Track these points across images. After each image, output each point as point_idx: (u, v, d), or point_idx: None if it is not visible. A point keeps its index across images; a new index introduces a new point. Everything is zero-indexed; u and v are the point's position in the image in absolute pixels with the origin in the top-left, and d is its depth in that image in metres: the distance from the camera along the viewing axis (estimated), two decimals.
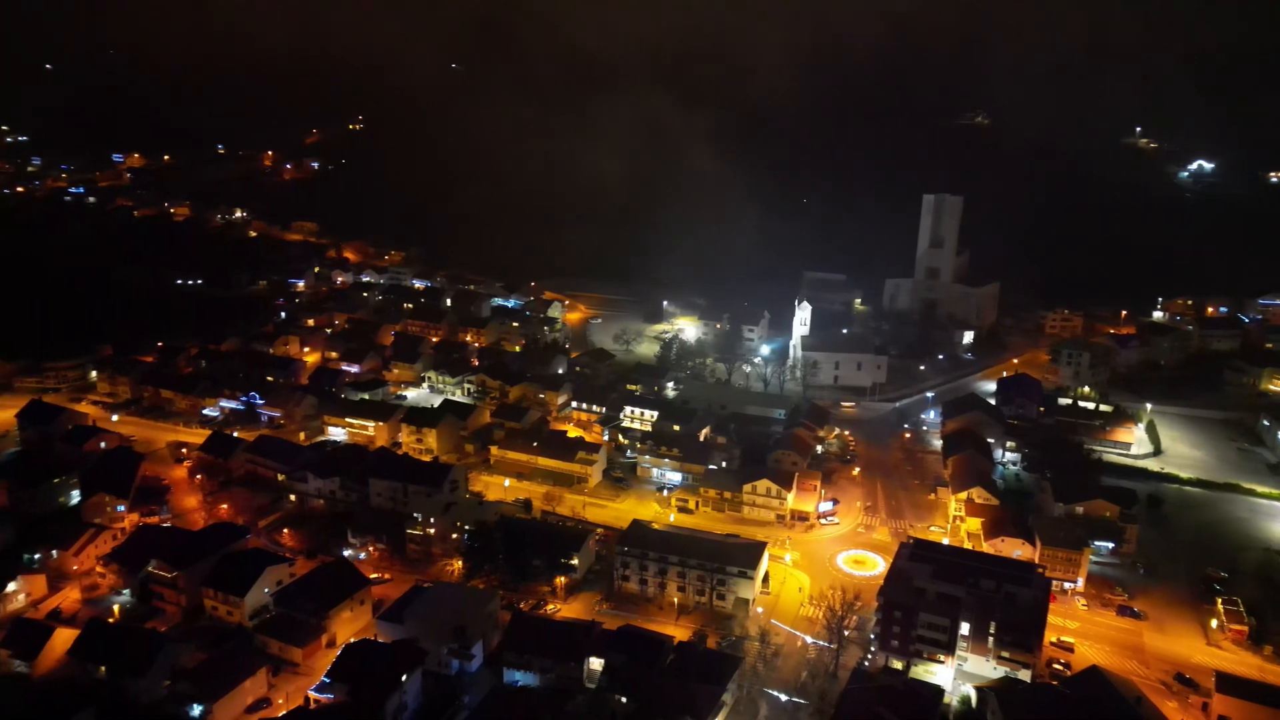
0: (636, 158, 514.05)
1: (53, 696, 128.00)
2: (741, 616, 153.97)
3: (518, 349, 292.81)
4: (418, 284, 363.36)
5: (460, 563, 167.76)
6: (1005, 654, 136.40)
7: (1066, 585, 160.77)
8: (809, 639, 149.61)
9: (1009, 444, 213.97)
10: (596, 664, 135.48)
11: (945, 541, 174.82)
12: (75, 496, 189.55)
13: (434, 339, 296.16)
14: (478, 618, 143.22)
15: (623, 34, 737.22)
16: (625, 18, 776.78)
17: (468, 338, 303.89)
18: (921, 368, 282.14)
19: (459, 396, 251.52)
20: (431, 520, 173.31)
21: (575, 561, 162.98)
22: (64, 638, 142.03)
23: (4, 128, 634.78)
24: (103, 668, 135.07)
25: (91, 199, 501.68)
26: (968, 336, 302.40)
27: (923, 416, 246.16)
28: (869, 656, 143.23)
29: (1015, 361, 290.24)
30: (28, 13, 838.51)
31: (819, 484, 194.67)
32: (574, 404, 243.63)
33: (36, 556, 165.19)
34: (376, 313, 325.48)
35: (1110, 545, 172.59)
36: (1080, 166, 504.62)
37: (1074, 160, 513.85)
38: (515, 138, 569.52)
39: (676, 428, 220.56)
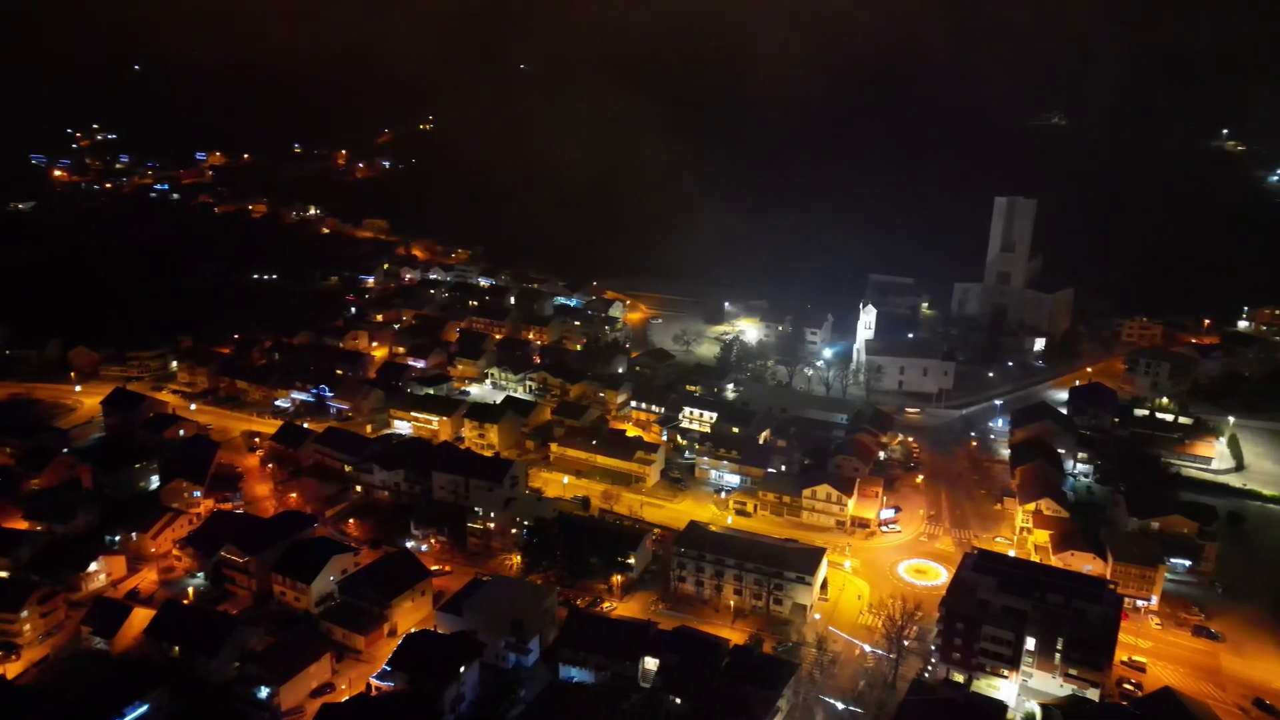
0: (698, 159, 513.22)
1: (130, 673, 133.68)
2: (798, 622, 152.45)
3: (579, 348, 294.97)
4: (483, 282, 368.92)
5: (519, 558, 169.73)
6: (1073, 671, 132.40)
7: (1139, 603, 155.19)
8: (867, 648, 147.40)
9: (1081, 455, 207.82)
10: (651, 664, 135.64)
11: (1011, 553, 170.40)
12: (154, 481, 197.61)
13: (497, 336, 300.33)
14: (535, 613, 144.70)
15: (682, 38, 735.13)
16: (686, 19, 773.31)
17: (530, 335, 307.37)
18: (990, 375, 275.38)
19: (520, 393, 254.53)
20: (492, 515, 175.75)
21: (632, 560, 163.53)
22: (141, 617, 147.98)
23: (95, 126, 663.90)
24: (176, 647, 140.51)
25: (175, 196, 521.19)
26: (1039, 343, 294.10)
27: (990, 425, 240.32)
28: (929, 668, 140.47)
29: (1089, 370, 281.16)
30: (117, 17, 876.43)
31: (881, 491, 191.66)
32: (633, 403, 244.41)
33: (117, 538, 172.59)
34: (442, 309, 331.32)
35: (1187, 563, 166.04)
36: (1163, 169, 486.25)
37: (1156, 162, 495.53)
38: (579, 138, 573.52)
39: (735, 430, 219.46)
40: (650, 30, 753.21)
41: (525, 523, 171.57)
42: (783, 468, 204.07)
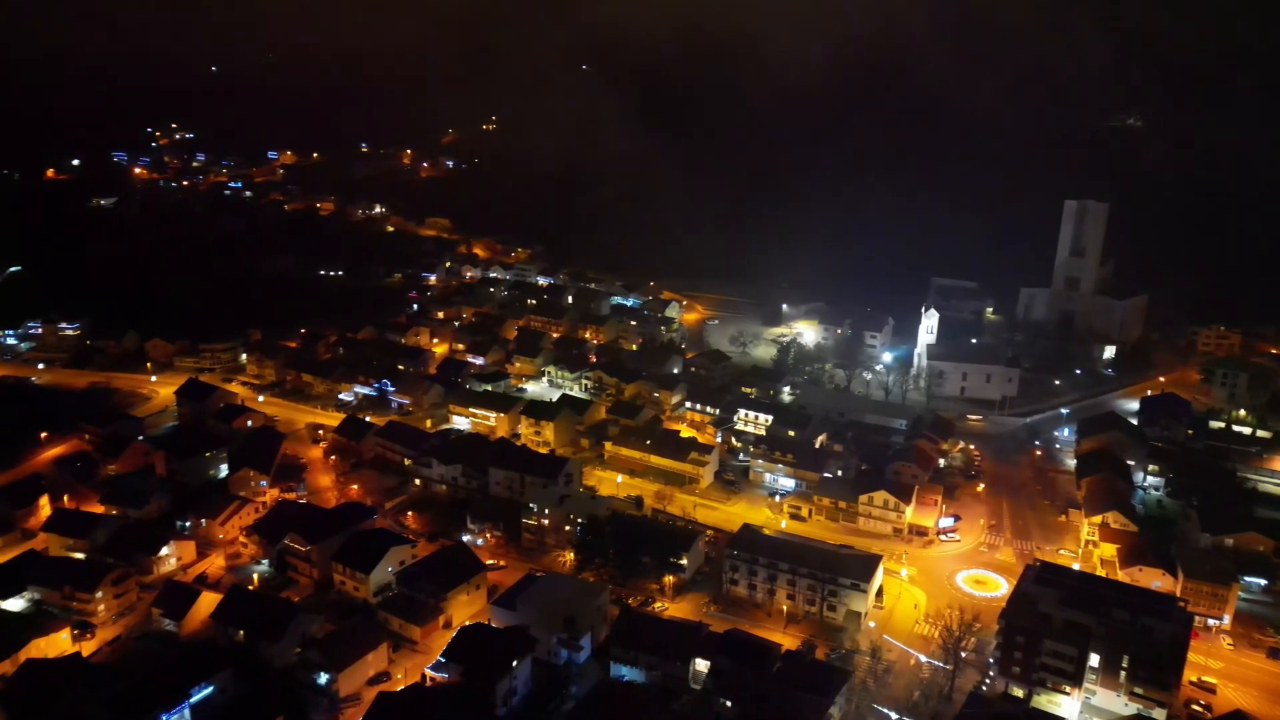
0: (756, 160, 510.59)
1: (196, 655, 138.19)
2: (852, 629, 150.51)
3: (634, 347, 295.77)
4: (541, 281, 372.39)
5: (572, 555, 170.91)
6: (1139, 690, 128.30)
7: (1210, 622, 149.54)
8: (923, 658, 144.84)
9: (1151, 467, 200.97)
10: (702, 665, 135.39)
11: (1075, 567, 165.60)
12: (223, 470, 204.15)
13: (555, 335, 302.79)
14: (587, 610, 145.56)
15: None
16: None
17: (587, 335, 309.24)
18: (1057, 382, 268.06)
19: (576, 392, 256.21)
20: (546, 511, 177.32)
21: (684, 561, 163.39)
22: (208, 601, 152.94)
23: (174, 125, 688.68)
24: (241, 632, 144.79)
25: (248, 193, 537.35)
26: (1109, 351, 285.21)
27: (1056, 434, 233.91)
28: (987, 681, 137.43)
29: (1162, 380, 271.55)
30: (198, 21, 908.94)
31: (940, 499, 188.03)
32: (688, 404, 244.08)
33: (187, 524, 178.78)
34: (502, 308, 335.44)
35: (1263, 582, 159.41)
36: (1242, 172, 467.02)
37: (1236, 165, 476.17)
38: (640, 139, 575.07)
39: (791, 433, 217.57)
40: (709, 35, 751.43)
41: (579, 520, 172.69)
42: (839, 473, 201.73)
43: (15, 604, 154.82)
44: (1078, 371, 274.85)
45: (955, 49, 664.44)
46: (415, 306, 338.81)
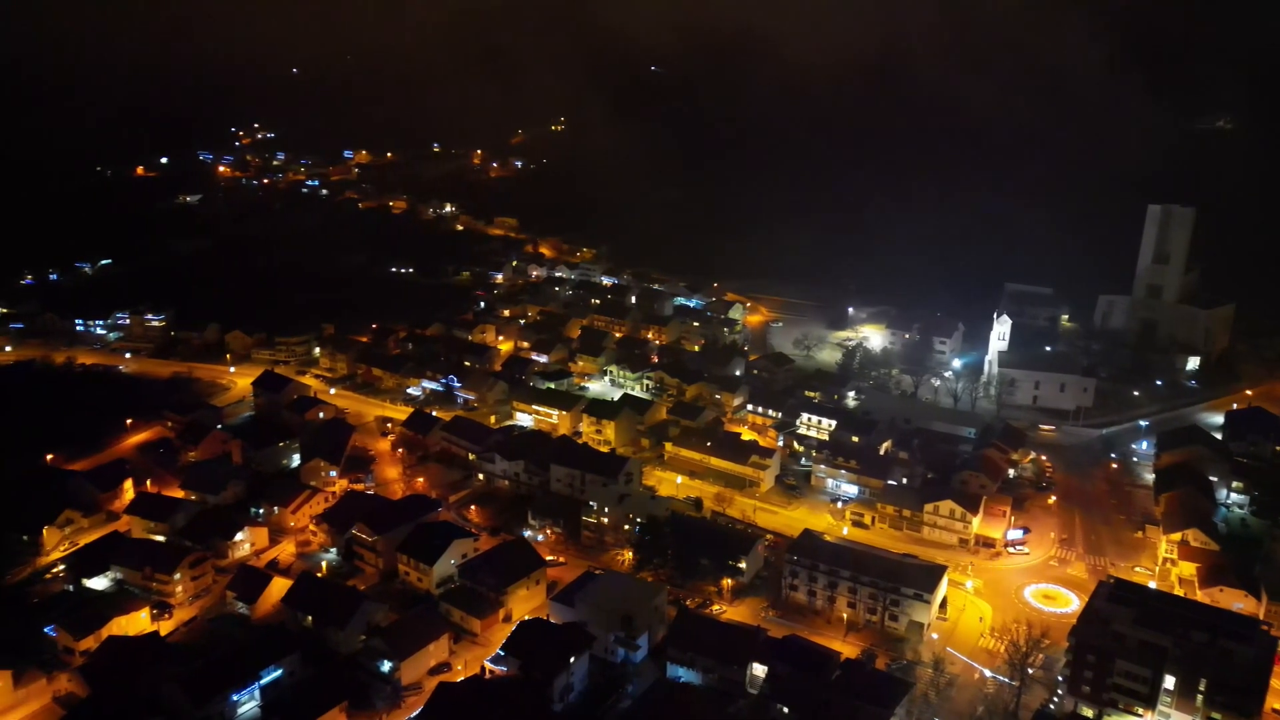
0: (820, 162, 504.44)
1: (267, 638, 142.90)
2: (914, 640, 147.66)
3: (697, 348, 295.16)
4: (605, 281, 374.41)
5: (631, 554, 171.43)
6: (1216, 715, 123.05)
7: None
8: (988, 672, 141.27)
9: (1236, 484, 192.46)
10: (759, 670, 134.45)
11: (1151, 585, 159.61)
12: (295, 460, 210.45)
13: (617, 334, 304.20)
14: (645, 609, 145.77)
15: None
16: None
17: (649, 335, 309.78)
18: (1135, 394, 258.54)
19: (638, 392, 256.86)
20: (605, 510, 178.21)
21: (743, 565, 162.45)
22: (279, 586, 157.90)
23: (255, 125, 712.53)
24: (309, 617, 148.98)
25: (324, 191, 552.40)
26: (1192, 362, 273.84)
27: (1133, 447, 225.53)
28: (1055, 699, 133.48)
29: (1249, 393, 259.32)
30: (279, 22, 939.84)
31: (1009, 510, 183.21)
32: (749, 407, 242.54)
33: (261, 511, 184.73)
34: (566, 307, 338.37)
35: None
36: None
37: None
38: (707, 141, 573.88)
39: (855, 439, 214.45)
40: (779, 37, 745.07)
41: (638, 520, 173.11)
42: (904, 480, 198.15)
43: (99, 583, 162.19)
44: (1158, 383, 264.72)
45: (1030, 51, 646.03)
46: (482, 304, 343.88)
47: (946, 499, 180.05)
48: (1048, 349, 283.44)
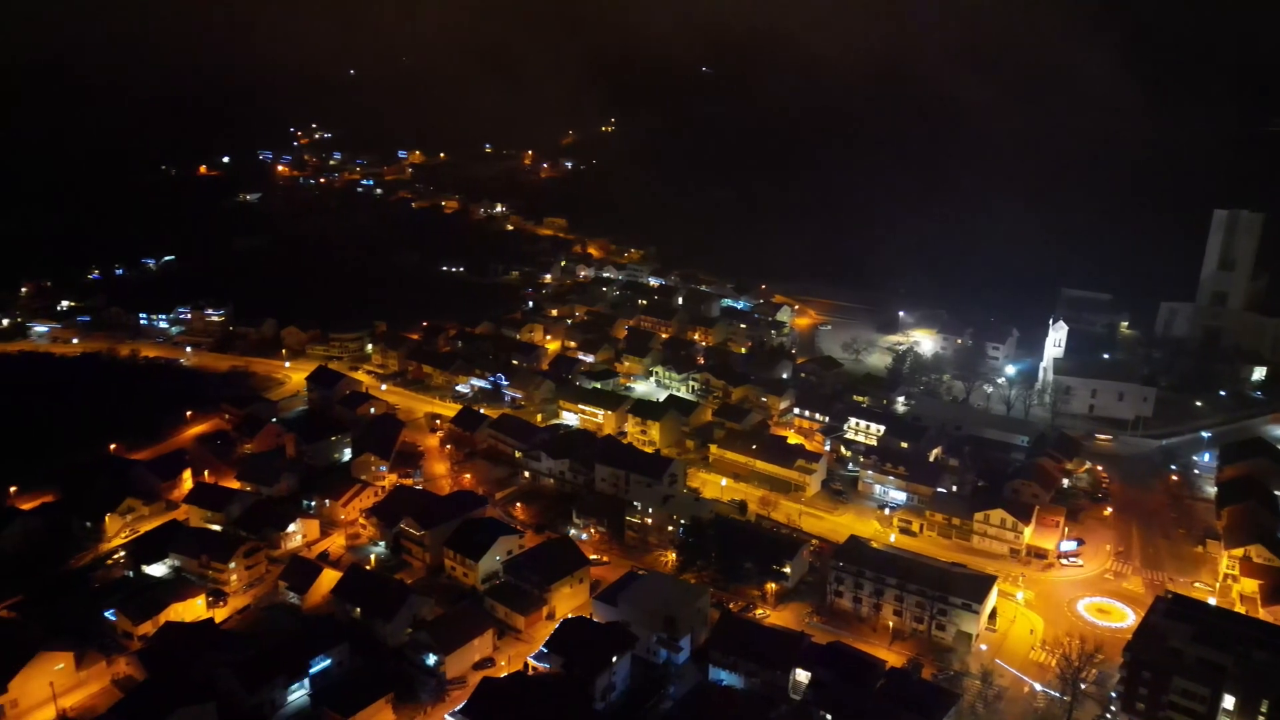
0: (872, 164, 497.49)
1: (317, 628, 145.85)
2: (962, 651, 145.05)
3: (743, 350, 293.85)
4: (653, 281, 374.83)
5: (674, 555, 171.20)
6: None
7: None
8: (1038, 686, 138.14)
9: None
10: (803, 676, 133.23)
11: (1211, 601, 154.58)
12: (347, 454, 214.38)
13: (664, 335, 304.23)
14: (688, 611, 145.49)
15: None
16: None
17: (696, 336, 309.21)
18: (1198, 404, 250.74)
19: (683, 393, 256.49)
20: (650, 510, 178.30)
21: (788, 570, 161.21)
22: (329, 578, 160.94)
23: (313, 125, 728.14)
24: (358, 609, 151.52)
25: (378, 191, 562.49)
26: (1258, 372, 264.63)
27: (1195, 459, 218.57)
28: (1108, 716, 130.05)
29: None
30: (336, 25, 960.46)
31: (1062, 521, 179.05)
32: (796, 410, 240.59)
33: (313, 503, 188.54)
34: (613, 307, 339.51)
35: None
36: None
37: None
38: (756, 141, 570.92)
39: (904, 445, 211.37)
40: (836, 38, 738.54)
41: (682, 521, 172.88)
42: (954, 488, 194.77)
43: (158, 569, 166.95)
44: (1221, 393, 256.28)
45: (1098, 50, 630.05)
46: (530, 304, 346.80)
47: (997, 508, 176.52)
48: (1105, 356, 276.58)
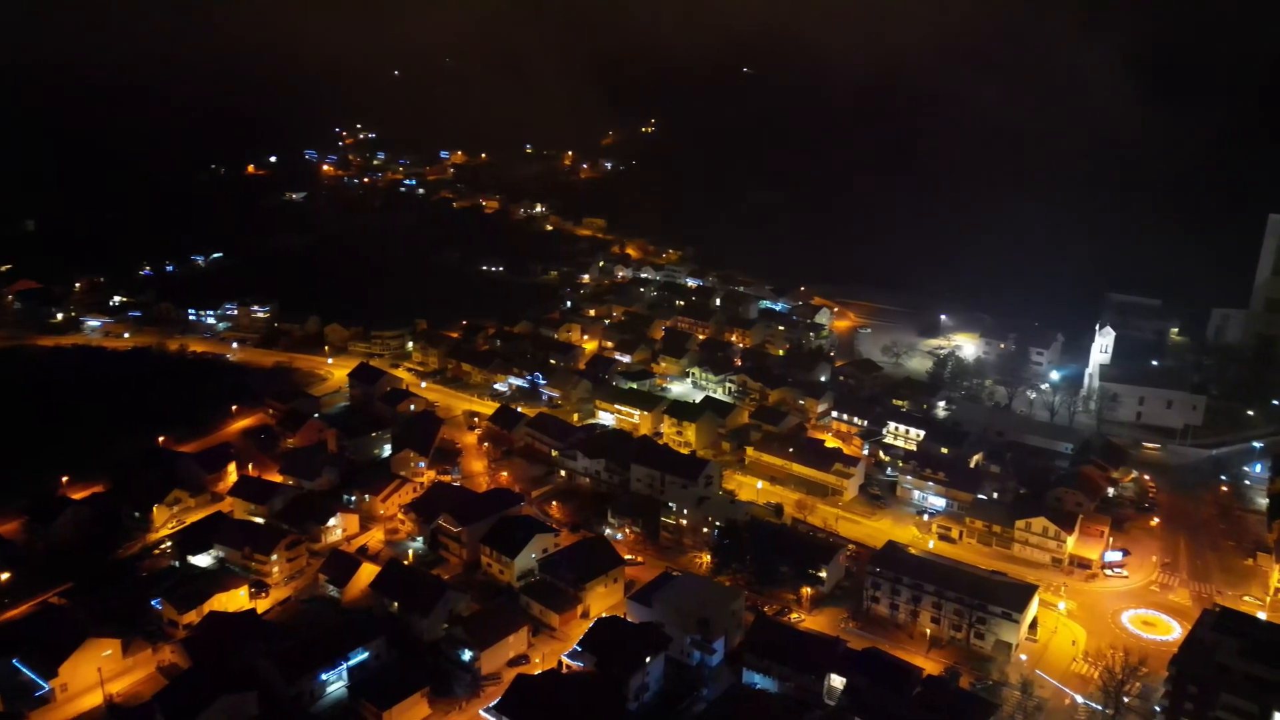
0: (924, 161, 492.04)
1: (355, 621, 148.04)
2: (1001, 660, 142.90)
3: (781, 353, 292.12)
4: (690, 282, 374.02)
5: (709, 557, 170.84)
6: None
7: None
8: (1079, 698, 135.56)
9: None
10: (837, 681, 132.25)
11: (1262, 616, 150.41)
12: (386, 450, 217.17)
13: (701, 336, 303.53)
14: (722, 613, 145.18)
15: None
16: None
17: (733, 338, 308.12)
18: (1250, 413, 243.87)
19: (720, 394, 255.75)
20: (685, 511, 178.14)
21: (824, 574, 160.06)
22: (368, 572, 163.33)
23: (358, 125, 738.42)
24: (395, 604, 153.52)
25: (421, 190, 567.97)
26: None
27: (1246, 469, 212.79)
28: None
29: None
30: (383, 26, 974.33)
31: (1107, 530, 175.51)
32: (834, 414, 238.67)
33: (353, 498, 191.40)
34: (650, 307, 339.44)
35: None
36: None
37: None
38: (800, 143, 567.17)
39: (944, 450, 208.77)
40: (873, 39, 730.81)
41: (717, 523, 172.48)
42: (995, 495, 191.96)
43: (203, 560, 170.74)
44: (1275, 402, 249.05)
45: (1144, 50, 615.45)
46: (568, 303, 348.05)
47: (1040, 516, 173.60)
48: (1154, 363, 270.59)
